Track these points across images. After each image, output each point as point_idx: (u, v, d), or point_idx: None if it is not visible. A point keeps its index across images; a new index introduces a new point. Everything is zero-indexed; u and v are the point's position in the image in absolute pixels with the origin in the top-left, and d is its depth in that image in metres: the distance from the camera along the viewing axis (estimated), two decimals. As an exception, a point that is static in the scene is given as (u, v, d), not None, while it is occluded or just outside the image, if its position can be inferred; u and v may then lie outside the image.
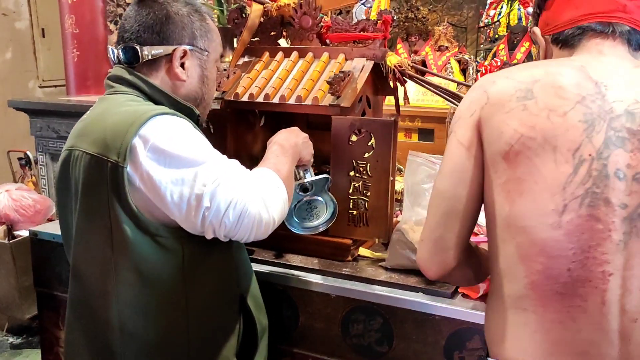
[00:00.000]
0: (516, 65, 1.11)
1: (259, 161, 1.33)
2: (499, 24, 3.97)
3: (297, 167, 1.46)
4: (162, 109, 1.21)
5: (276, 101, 1.58)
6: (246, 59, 1.73)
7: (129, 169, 1.14)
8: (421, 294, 1.41)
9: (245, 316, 1.37)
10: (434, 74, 2.11)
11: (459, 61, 3.47)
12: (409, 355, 1.41)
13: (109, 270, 1.21)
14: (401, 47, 3.93)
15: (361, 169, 1.52)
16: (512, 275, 1.00)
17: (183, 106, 1.28)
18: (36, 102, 3.64)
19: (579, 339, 0.96)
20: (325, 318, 1.48)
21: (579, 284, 0.94)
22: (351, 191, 1.54)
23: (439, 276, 1.11)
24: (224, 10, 3.08)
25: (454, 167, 1.05)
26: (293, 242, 1.59)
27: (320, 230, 1.53)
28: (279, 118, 1.74)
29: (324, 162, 1.65)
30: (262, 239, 1.20)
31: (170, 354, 1.24)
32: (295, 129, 1.48)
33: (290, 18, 1.70)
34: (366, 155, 1.51)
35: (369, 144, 1.50)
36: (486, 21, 4.06)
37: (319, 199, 1.52)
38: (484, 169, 1.03)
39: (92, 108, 1.30)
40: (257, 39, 1.75)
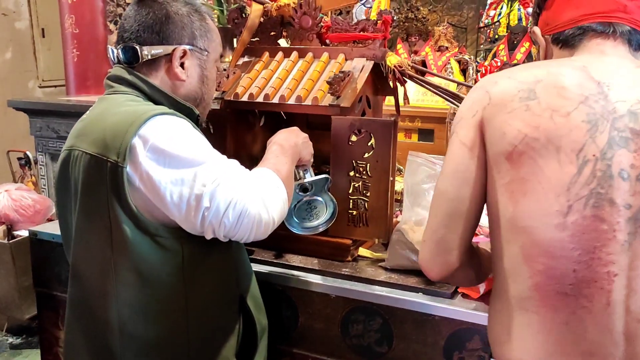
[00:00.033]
0: (516, 65, 1.11)
1: (258, 161, 1.33)
2: (499, 24, 3.97)
3: (296, 167, 1.46)
4: (161, 109, 1.21)
5: (276, 101, 1.58)
6: (246, 59, 1.73)
7: (128, 169, 1.14)
8: (421, 294, 1.40)
9: (245, 316, 1.37)
10: (434, 74, 2.10)
11: (459, 61, 3.47)
12: (409, 355, 1.41)
13: (108, 270, 1.20)
14: (401, 47, 3.93)
15: (361, 169, 1.52)
16: (516, 276, 1.00)
17: (183, 106, 1.28)
18: (36, 102, 3.63)
19: (583, 340, 0.96)
20: (325, 318, 1.48)
21: (584, 284, 0.94)
22: (351, 191, 1.54)
23: (441, 277, 1.11)
24: (224, 10, 3.08)
25: (457, 167, 1.04)
26: (293, 242, 1.59)
27: (320, 230, 1.53)
28: (278, 118, 1.74)
29: (323, 162, 1.64)
30: (262, 239, 1.20)
31: (170, 354, 1.24)
32: (295, 129, 1.48)
33: (290, 18, 1.70)
34: (366, 156, 1.51)
35: (369, 144, 1.50)
36: (486, 21, 4.06)
37: (318, 199, 1.52)
38: (486, 169, 1.03)
39: (91, 108, 1.30)
40: (257, 39, 1.75)
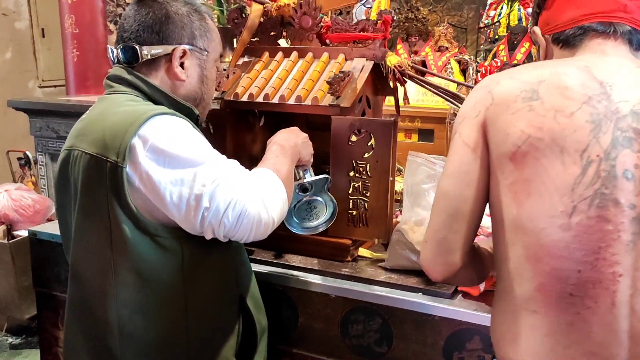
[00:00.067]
0: (517, 66, 1.11)
1: (258, 161, 1.33)
2: (499, 24, 3.96)
3: (296, 167, 1.46)
4: (161, 109, 1.21)
5: (276, 101, 1.57)
6: (246, 59, 1.73)
7: (128, 169, 1.14)
8: (420, 294, 1.40)
9: (245, 316, 1.37)
10: (434, 74, 2.10)
11: (459, 62, 3.46)
12: (408, 355, 1.41)
13: (108, 270, 1.20)
14: (401, 47, 3.92)
15: (361, 169, 1.52)
16: (520, 277, 0.99)
17: (182, 106, 1.28)
18: (36, 102, 3.63)
19: (588, 340, 0.96)
20: (325, 318, 1.48)
21: (589, 285, 0.94)
22: (351, 191, 1.54)
23: (443, 277, 1.10)
24: (224, 10, 3.08)
25: (460, 168, 1.04)
26: (292, 243, 1.59)
27: (320, 230, 1.52)
28: (278, 118, 1.73)
29: (323, 162, 1.64)
30: (262, 239, 1.20)
31: (169, 354, 1.24)
32: (295, 129, 1.48)
33: (290, 18, 1.70)
34: (366, 156, 1.51)
35: (369, 144, 1.50)
36: (486, 22, 4.05)
37: (318, 199, 1.52)
38: (489, 170, 1.02)
39: (91, 108, 1.30)
40: (257, 39, 1.75)
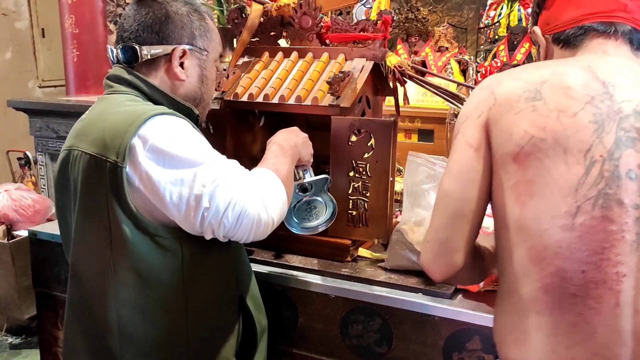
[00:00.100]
0: (517, 66, 1.11)
1: (258, 161, 1.33)
2: (499, 24, 3.96)
3: (296, 167, 1.46)
4: (161, 109, 1.21)
5: (276, 101, 1.57)
6: (246, 59, 1.73)
7: (128, 169, 1.14)
8: (420, 294, 1.40)
9: (245, 316, 1.37)
10: (434, 75, 2.10)
11: (459, 62, 3.46)
12: (408, 356, 1.41)
13: (107, 270, 1.20)
14: (401, 47, 3.92)
15: (361, 170, 1.52)
16: (524, 277, 0.99)
17: (182, 106, 1.28)
18: (36, 102, 3.63)
19: (591, 341, 0.95)
20: (325, 318, 1.48)
21: (592, 285, 0.94)
22: (351, 191, 1.54)
23: (444, 278, 1.09)
24: (224, 10, 3.07)
25: (462, 168, 1.03)
26: (292, 243, 1.59)
27: (320, 230, 1.52)
28: (278, 118, 1.73)
29: (323, 162, 1.64)
30: (261, 239, 1.20)
31: (169, 354, 1.24)
32: (295, 129, 1.48)
33: (290, 18, 1.70)
34: (366, 156, 1.51)
35: (369, 144, 1.50)
36: (486, 22, 4.05)
37: (318, 199, 1.51)
38: (492, 170, 1.02)
39: (91, 108, 1.30)
40: (256, 39, 1.75)
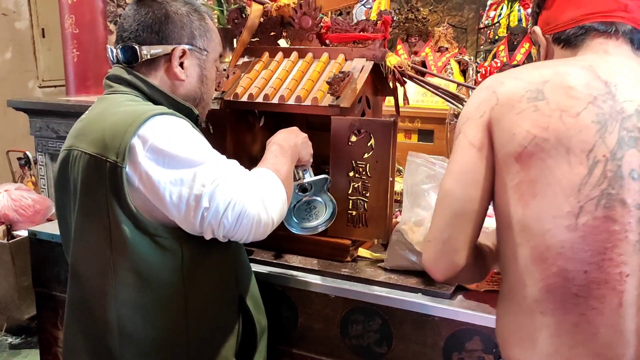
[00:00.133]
0: (517, 66, 1.11)
1: (258, 161, 1.33)
2: (499, 25, 3.96)
3: (296, 167, 1.46)
4: (161, 109, 1.21)
5: (275, 101, 1.57)
6: (246, 59, 1.73)
7: (127, 169, 1.14)
8: (420, 294, 1.40)
9: (245, 316, 1.37)
10: (434, 75, 2.10)
11: (459, 62, 3.46)
12: (408, 356, 1.41)
13: (107, 270, 1.20)
14: (401, 47, 3.92)
15: (360, 170, 1.52)
16: (526, 277, 0.99)
17: (182, 106, 1.28)
18: (36, 102, 3.62)
19: (594, 341, 0.95)
20: (325, 319, 1.48)
21: (595, 285, 0.94)
22: (350, 192, 1.54)
23: (446, 277, 1.09)
24: (224, 11, 3.07)
25: (465, 168, 1.03)
26: (292, 243, 1.59)
27: (320, 230, 1.52)
28: (278, 118, 1.73)
29: (323, 162, 1.64)
30: (261, 239, 1.20)
31: (169, 354, 1.24)
32: (295, 129, 1.48)
33: (290, 18, 1.70)
34: (366, 156, 1.51)
35: (369, 144, 1.50)
36: (486, 22, 4.05)
37: (318, 199, 1.51)
38: (494, 170, 1.02)
39: (91, 108, 1.30)
40: (256, 39, 1.75)
